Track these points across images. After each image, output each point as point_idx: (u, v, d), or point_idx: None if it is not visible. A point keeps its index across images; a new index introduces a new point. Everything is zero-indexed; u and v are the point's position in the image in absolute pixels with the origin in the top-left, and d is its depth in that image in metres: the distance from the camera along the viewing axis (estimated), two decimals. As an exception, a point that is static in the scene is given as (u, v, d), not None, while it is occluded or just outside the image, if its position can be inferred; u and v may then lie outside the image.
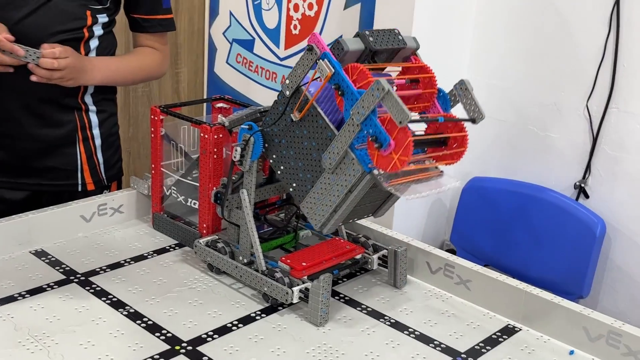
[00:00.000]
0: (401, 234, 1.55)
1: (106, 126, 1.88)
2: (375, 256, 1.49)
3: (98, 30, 1.78)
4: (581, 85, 2.00)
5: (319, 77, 1.26)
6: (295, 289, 1.31)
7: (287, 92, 1.32)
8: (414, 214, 2.27)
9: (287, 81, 1.32)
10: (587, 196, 2.04)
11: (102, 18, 1.78)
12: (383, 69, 1.37)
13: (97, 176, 1.88)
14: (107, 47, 1.83)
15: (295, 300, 1.31)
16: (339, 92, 1.23)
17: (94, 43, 1.78)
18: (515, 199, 2.11)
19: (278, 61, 2.70)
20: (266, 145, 1.36)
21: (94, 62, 1.76)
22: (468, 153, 2.30)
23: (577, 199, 2.05)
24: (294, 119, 1.31)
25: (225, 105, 1.76)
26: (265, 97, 2.70)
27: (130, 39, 1.94)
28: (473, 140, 2.25)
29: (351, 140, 1.22)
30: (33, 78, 1.63)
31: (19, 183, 1.80)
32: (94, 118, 1.85)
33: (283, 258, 1.37)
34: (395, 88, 1.25)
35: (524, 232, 2.08)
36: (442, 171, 1.32)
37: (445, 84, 2.26)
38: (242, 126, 1.39)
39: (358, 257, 1.47)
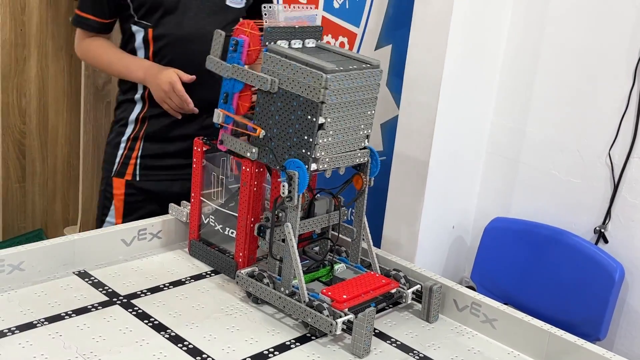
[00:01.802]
0: (430, 272, 1.61)
1: None
2: (409, 291, 1.54)
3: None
4: (604, 134, 2.06)
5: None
6: (339, 320, 1.36)
7: (254, 149, 1.52)
8: (436, 251, 2.33)
9: (250, 156, 1.53)
10: (606, 241, 2.09)
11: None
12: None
13: None
14: None
15: (338, 332, 1.36)
16: (227, 96, 1.55)
17: None
18: (536, 240, 2.16)
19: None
20: (306, 166, 1.43)
21: None
22: (491, 193, 2.35)
23: (596, 243, 2.10)
24: (263, 135, 1.49)
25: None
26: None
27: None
28: (496, 181, 2.32)
29: (245, 70, 1.51)
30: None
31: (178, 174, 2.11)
32: None
33: (324, 290, 1.43)
34: None
35: (544, 273, 2.13)
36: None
37: (471, 125, 2.32)
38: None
39: (393, 291, 1.53)
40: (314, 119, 1.41)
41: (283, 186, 1.43)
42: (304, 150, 1.43)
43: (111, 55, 2.06)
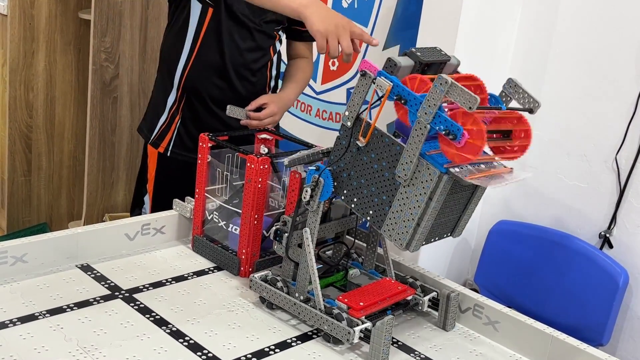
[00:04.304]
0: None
1: None
2: (426, 298, 1.52)
3: (278, 46, 2.10)
4: (611, 138, 2.05)
5: (377, 102, 1.31)
6: (357, 328, 1.34)
7: (349, 123, 1.36)
8: (440, 252, 2.33)
9: (347, 112, 1.35)
10: (611, 246, 2.09)
11: (282, 34, 2.09)
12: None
13: None
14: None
15: (356, 340, 1.34)
16: (402, 102, 1.27)
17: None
18: (540, 244, 2.15)
19: (314, 95, 2.77)
20: (335, 183, 1.40)
21: (285, 96, 2.09)
22: (496, 196, 2.35)
23: (601, 248, 2.10)
24: (360, 145, 1.34)
25: (268, 137, 1.84)
26: (299, 129, 2.77)
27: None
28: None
29: (421, 144, 1.24)
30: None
31: None
32: None
33: (340, 297, 1.41)
34: None
35: (548, 277, 2.12)
36: (511, 168, 1.35)
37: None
38: (310, 168, 1.44)
39: (409, 298, 1.52)
40: (368, 221, 1.36)
41: (306, 191, 1.40)
42: (345, 192, 1.38)
43: None
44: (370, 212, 1.35)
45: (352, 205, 1.38)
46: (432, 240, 1.38)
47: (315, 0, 1.66)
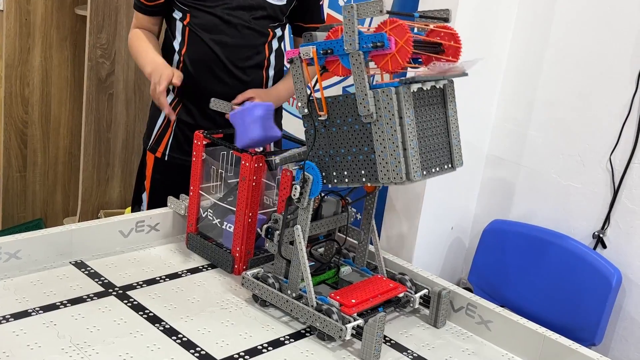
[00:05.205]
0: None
1: None
2: (417, 295, 1.53)
3: (275, 45, 2.07)
4: (606, 139, 2.06)
5: (315, 79, 1.36)
6: (349, 325, 1.34)
7: (306, 110, 1.39)
8: (435, 251, 2.33)
9: (299, 103, 1.39)
10: (604, 246, 2.09)
11: (279, 32, 2.08)
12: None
13: None
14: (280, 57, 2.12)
15: (348, 337, 1.34)
16: (329, 53, 1.32)
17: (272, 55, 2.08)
18: (534, 243, 2.16)
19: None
20: (323, 173, 1.40)
21: (275, 91, 2.08)
22: (490, 196, 2.35)
23: (594, 248, 2.10)
24: (323, 119, 1.37)
25: (263, 135, 1.83)
26: (295, 126, 2.77)
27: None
28: (496, 184, 2.32)
29: (364, 73, 1.28)
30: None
31: None
32: None
33: (332, 294, 1.41)
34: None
35: (541, 277, 2.13)
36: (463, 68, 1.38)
37: (475, 131, 2.32)
38: (295, 167, 1.44)
39: (400, 295, 1.52)
40: (365, 182, 1.35)
41: (295, 188, 1.41)
42: (334, 173, 1.39)
43: (141, 46, 2.04)
44: (362, 171, 1.35)
45: (346, 180, 1.38)
46: (434, 170, 1.37)
47: (154, 65, 1.92)
